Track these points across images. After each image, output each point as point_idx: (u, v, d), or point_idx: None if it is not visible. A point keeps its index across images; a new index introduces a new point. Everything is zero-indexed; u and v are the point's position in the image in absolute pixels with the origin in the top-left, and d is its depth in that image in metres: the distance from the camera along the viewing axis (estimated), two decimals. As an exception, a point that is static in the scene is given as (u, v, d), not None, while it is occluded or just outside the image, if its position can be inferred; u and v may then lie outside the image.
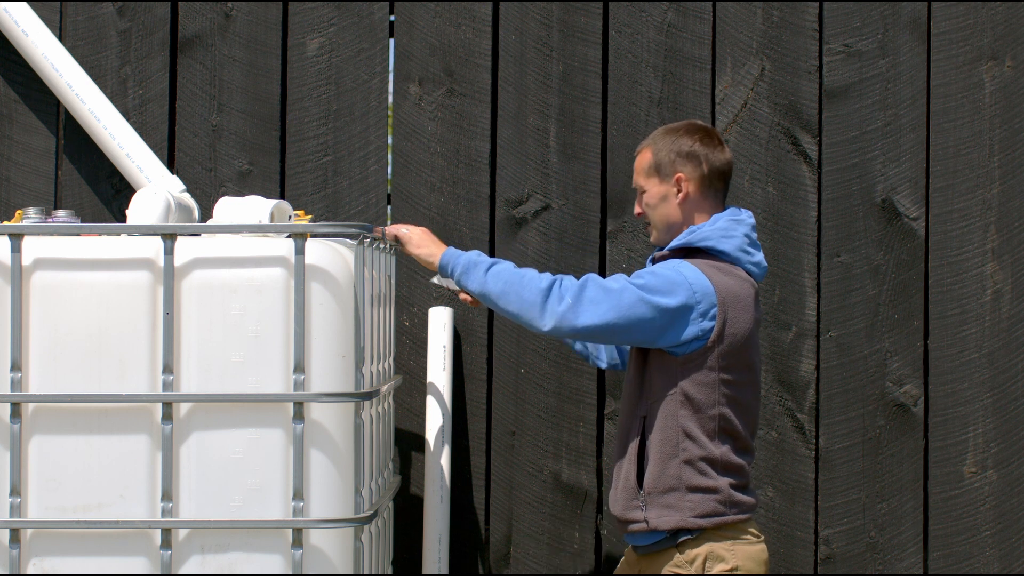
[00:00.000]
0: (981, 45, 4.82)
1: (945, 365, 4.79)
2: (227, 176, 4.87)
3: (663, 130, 4.07)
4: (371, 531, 3.98)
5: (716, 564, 3.87)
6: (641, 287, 3.83)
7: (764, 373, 4.79)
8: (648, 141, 4.07)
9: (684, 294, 3.84)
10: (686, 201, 4.01)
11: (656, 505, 3.89)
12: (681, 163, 3.99)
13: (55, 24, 4.87)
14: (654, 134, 4.07)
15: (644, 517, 3.90)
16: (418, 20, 4.88)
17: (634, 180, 4.08)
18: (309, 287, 3.77)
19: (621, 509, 3.96)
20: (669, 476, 3.87)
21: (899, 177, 4.82)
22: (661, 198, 4.01)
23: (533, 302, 3.84)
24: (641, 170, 4.05)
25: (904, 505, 4.79)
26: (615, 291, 3.83)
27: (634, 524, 3.93)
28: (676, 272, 3.86)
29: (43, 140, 4.89)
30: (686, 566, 3.86)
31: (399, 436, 4.77)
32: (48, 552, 3.77)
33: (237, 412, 3.76)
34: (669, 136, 4.03)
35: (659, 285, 3.84)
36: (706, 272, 3.88)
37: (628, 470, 3.93)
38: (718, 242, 3.95)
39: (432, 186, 4.85)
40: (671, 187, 4.00)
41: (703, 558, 3.86)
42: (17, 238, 3.76)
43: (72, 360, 3.76)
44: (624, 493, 3.95)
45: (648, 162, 4.03)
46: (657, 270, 3.89)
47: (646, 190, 4.03)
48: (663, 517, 3.87)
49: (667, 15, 4.85)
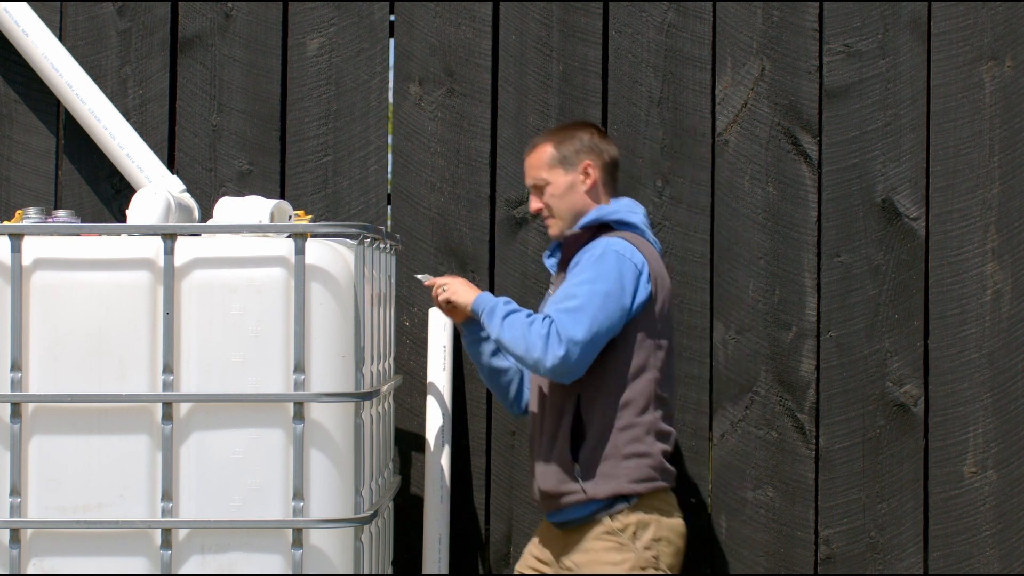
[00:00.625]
0: (981, 45, 4.82)
1: (945, 365, 4.79)
2: (227, 176, 4.87)
3: (553, 128, 4.29)
4: (371, 531, 3.98)
5: (644, 533, 4.02)
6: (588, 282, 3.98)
7: (764, 373, 4.80)
8: (541, 139, 4.22)
9: (628, 270, 4.00)
10: (592, 189, 4.19)
11: (593, 476, 4.02)
12: (585, 153, 4.18)
13: (55, 24, 4.87)
14: (545, 132, 4.27)
15: (581, 487, 4.02)
16: (418, 20, 4.88)
17: (531, 177, 4.21)
18: (309, 287, 3.77)
19: (555, 484, 4.06)
20: (605, 445, 4.02)
21: (899, 177, 4.81)
22: (568, 187, 4.17)
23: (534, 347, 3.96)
24: (542, 165, 4.19)
25: (904, 505, 4.79)
26: (580, 307, 3.95)
27: (569, 496, 4.03)
28: (614, 253, 4.02)
29: (43, 140, 4.89)
30: (618, 533, 4.01)
31: (399, 436, 4.77)
32: (48, 552, 3.77)
33: (237, 412, 3.76)
34: (565, 131, 4.21)
35: (606, 272, 4.00)
36: (631, 241, 4.08)
37: (561, 446, 4.04)
38: (627, 215, 4.16)
39: (432, 186, 4.85)
40: (578, 175, 4.18)
41: (633, 527, 4.01)
42: (17, 238, 3.76)
43: (72, 360, 3.76)
44: (558, 468, 4.05)
45: (550, 155, 4.18)
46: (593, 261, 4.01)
47: (550, 182, 4.17)
48: (600, 485, 4.01)
49: (667, 15, 4.85)
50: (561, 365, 3.94)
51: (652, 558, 4.02)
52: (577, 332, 3.93)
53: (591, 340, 3.96)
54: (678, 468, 4.79)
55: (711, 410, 4.81)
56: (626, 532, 4.02)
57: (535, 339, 3.94)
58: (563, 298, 3.99)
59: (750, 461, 4.80)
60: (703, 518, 4.81)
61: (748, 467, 4.80)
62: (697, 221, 4.82)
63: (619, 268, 4.02)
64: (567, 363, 3.94)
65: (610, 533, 4.02)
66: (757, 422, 4.80)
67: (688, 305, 4.81)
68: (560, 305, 3.98)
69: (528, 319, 3.98)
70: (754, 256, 4.81)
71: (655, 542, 4.04)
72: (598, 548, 4.03)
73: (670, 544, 4.07)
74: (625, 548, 4.01)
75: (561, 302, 3.98)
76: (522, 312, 4.02)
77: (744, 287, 4.81)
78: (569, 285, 4.02)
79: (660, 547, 4.05)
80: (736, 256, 4.81)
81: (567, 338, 3.93)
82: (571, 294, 3.99)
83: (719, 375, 4.81)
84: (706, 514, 4.82)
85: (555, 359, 3.93)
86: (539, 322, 3.96)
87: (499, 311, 4.03)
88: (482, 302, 4.10)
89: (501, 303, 4.05)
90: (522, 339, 3.96)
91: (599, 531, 4.03)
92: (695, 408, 4.80)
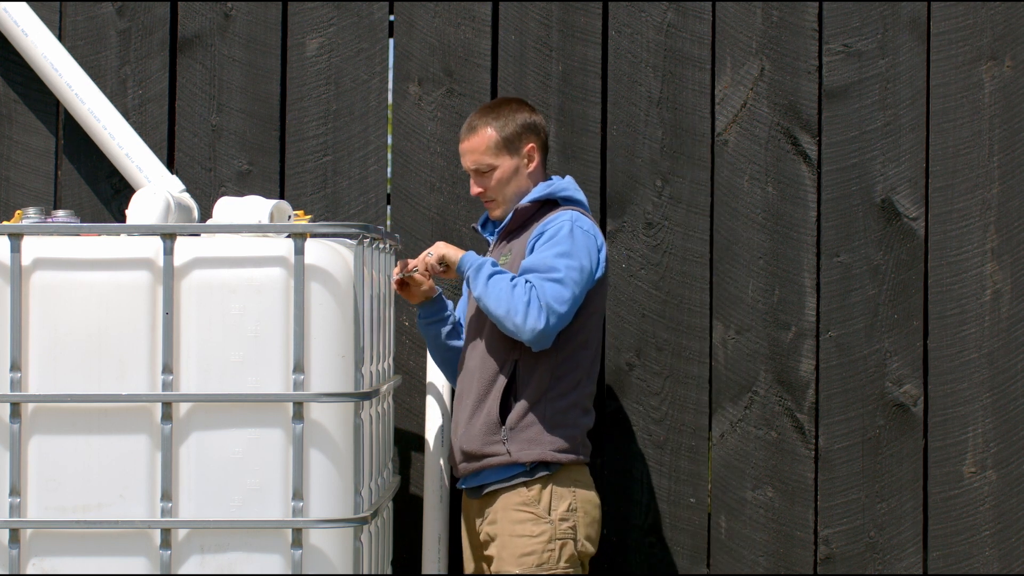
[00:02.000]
0: (981, 45, 4.82)
1: (945, 365, 4.79)
2: (227, 176, 4.87)
3: (489, 109, 4.28)
4: (371, 531, 3.98)
5: (560, 503, 4.10)
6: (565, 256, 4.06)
7: (764, 373, 4.80)
8: (480, 121, 4.25)
9: (593, 248, 4.13)
10: (534, 170, 4.26)
11: (518, 440, 4.10)
12: (527, 135, 4.25)
13: (55, 24, 4.87)
14: (481, 114, 4.26)
15: (507, 450, 4.10)
16: (418, 20, 4.88)
17: (472, 161, 4.25)
18: (309, 287, 3.77)
19: (479, 444, 4.13)
20: (536, 412, 4.10)
21: (899, 177, 4.81)
22: (513, 171, 4.25)
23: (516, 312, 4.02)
24: (486, 149, 4.23)
25: (904, 505, 4.79)
26: (562, 279, 4.03)
27: (492, 458, 4.11)
28: (580, 231, 4.12)
29: (43, 140, 4.89)
30: (534, 504, 4.09)
31: (399, 436, 4.77)
32: (48, 552, 3.77)
33: (237, 412, 3.76)
34: (503, 112, 4.25)
35: (580, 249, 4.09)
36: (590, 219, 4.20)
37: (491, 407, 4.12)
38: (575, 192, 4.27)
39: (432, 186, 4.85)
40: (522, 159, 4.25)
41: (549, 497, 4.09)
42: (17, 238, 3.76)
43: (72, 360, 3.75)
44: (484, 428, 4.12)
45: (493, 140, 4.23)
46: (565, 235, 4.09)
47: (496, 166, 4.22)
48: (524, 450, 4.09)
49: (667, 15, 4.85)
50: (540, 334, 4.02)
51: (568, 528, 4.09)
52: (560, 304, 4.02)
53: (568, 312, 4.06)
54: (678, 467, 4.80)
55: (711, 410, 4.81)
56: (541, 503, 4.09)
57: (517, 304, 4.01)
58: (544, 268, 4.06)
59: (750, 461, 4.80)
60: (703, 518, 4.81)
61: (748, 467, 4.80)
62: (697, 221, 4.82)
63: (587, 245, 4.12)
64: (546, 332, 4.03)
65: (526, 504, 4.10)
66: (757, 422, 4.80)
67: (688, 305, 4.81)
68: (542, 275, 4.05)
69: (511, 283, 4.04)
70: (754, 256, 4.81)
71: (571, 512, 4.10)
72: (514, 519, 4.09)
73: (587, 515, 4.13)
74: (541, 520, 4.08)
75: (543, 272, 4.05)
76: (506, 275, 4.07)
77: (744, 287, 4.81)
78: (546, 256, 4.08)
79: (576, 517, 4.11)
80: (736, 256, 4.81)
81: (550, 308, 4.01)
82: (552, 266, 4.05)
83: (719, 375, 4.81)
84: (706, 514, 4.82)
85: (535, 327, 4.00)
86: (521, 287, 4.03)
87: (485, 270, 4.08)
88: (469, 259, 4.15)
89: (488, 263, 4.10)
90: (505, 301, 4.02)
91: (515, 501, 4.10)
92: (695, 408, 4.80)
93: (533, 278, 4.05)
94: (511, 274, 4.08)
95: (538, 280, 4.04)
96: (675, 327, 4.81)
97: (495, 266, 4.10)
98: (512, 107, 4.27)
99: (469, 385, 4.20)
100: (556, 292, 4.03)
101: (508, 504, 4.11)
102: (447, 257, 4.19)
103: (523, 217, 4.24)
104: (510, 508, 4.10)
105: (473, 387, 4.17)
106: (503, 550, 4.10)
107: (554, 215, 4.18)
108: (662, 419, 4.81)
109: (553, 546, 4.07)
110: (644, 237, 4.81)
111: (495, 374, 4.14)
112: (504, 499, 4.12)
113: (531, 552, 4.07)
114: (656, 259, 4.82)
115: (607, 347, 4.80)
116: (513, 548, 4.08)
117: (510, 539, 4.09)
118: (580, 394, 4.15)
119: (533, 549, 4.07)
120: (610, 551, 4.80)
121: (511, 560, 4.07)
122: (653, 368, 4.81)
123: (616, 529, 4.80)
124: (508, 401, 4.13)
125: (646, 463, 4.81)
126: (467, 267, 4.13)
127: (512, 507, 4.10)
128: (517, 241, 4.23)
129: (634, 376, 4.81)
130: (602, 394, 4.81)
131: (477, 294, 4.08)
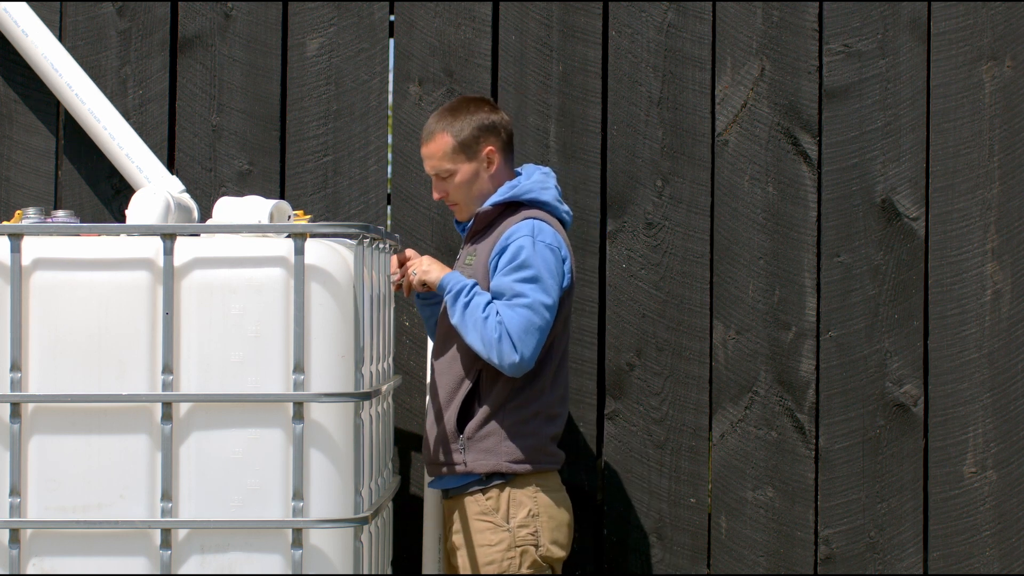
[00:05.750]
0: (981, 45, 4.82)
1: (945, 365, 4.79)
2: (227, 176, 4.87)
3: (447, 112, 4.23)
4: (371, 531, 3.98)
5: (519, 511, 4.09)
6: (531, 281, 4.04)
7: (764, 373, 4.80)
8: (437, 126, 4.21)
9: (558, 261, 4.10)
10: (496, 172, 4.22)
11: (475, 449, 4.10)
12: (485, 137, 4.21)
13: (55, 24, 4.87)
14: (439, 119, 4.22)
15: (463, 460, 4.11)
16: (418, 20, 4.88)
17: (431, 167, 4.23)
18: (309, 287, 3.77)
19: (438, 452, 4.16)
20: (493, 423, 4.09)
21: (899, 177, 4.81)
22: (473, 176, 4.22)
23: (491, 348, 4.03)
24: (444, 155, 4.20)
25: (904, 505, 4.79)
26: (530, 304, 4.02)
27: (449, 467, 4.13)
28: (543, 246, 4.07)
29: (43, 140, 4.89)
30: (492, 513, 4.10)
31: (399, 436, 4.77)
32: (48, 552, 3.77)
33: (237, 412, 3.76)
34: (460, 115, 4.20)
35: (547, 268, 4.05)
36: (552, 225, 4.15)
37: (451, 416, 4.12)
38: (540, 194, 4.21)
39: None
40: (481, 163, 4.22)
41: (506, 505, 4.09)
42: (17, 238, 3.76)
43: (72, 360, 3.75)
44: (443, 436, 4.14)
45: (450, 145, 4.20)
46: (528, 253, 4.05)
47: (455, 171, 4.20)
48: (480, 460, 4.10)
49: (667, 15, 4.85)
50: (517, 366, 4.03)
51: (529, 535, 4.09)
52: (529, 335, 4.02)
53: (540, 340, 4.05)
54: (678, 467, 4.80)
55: (711, 410, 4.81)
56: (500, 511, 4.10)
57: (490, 340, 4.02)
58: (511, 294, 4.05)
59: (750, 461, 4.80)
60: (703, 518, 4.81)
61: (748, 467, 4.80)
62: (697, 221, 4.82)
63: (552, 261, 4.09)
64: (522, 364, 4.03)
65: (484, 513, 4.11)
66: (757, 422, 4.80)
67: (688, 305, 4.81)
68: (510, 303, 4.04)
69: (483, 314, 4.03)
70: (754, 256, 4.81)
71: (532, 518, 4.10)
72: (474, 530, 4.12)
73: (551, 519, 4.12)
74: (500, 528, 4.09)
75: (510, 299, 4.05)
76: (481, 300, 4.06)
77: (744, 287, 4.81)
78: (513, 280, 4.06)
79: (539, 522, 4.11)
80: (736, 256, 4.81)
81: (521, 341, 4.01)
82: (520, 292, 4.05)
83: (719, 375, 4.81)
84: (706, 514, 4.82)
85: (512, 360, 4.01)
86: (492, 321, 4.02)
87: (461, 300, 4.07)
88: (448, 284, 4.13)
89: (465, 290, 4.08)
90: (478, 336, 4.03)
91: (475, 510, 4.12)
92: (695, 408, 4.80)
93: (501, 308, 4.04)
94: (486, 298, 4.07)
95: (506, 310, 4.03)
96: (675, 327, 4.81)
97: (470, 293, 4.08)
98: (470, 109, 4.22)
99: (435, 390, 4.21)
100: (525, 322, 4.02)
101: (470, 513, 4.13)
102: (428, 281, 4.19)
103: (485, 221, 4.22)
104: (471, 518, 4.13)
105: (438, 392, 4.19)
106: (466, 560, 4.14)
107: (515, 225, 4.14)
108: (662, 419, 4.81)
109: (513, 554, 4.09)
110: (644, 237, 4.81)
111: (459, 380, 4.14)
112: (465, 507, 4.14)
113: (491, 561, 4.09)
114: (656, 259, 4.82)
115: (607, 347, 4.80)
116: (475, 557, 4.11)
117: (472, 548, 4.12)
118: (544, 402, 4.13)
119: (493, 558, 4.09)
120: (610, 551, 4.80)
121: (474, 570, 4.12)
122: (653, 368, 4.81)
123: (616, 529, 4.80)
124: (471, 407, 4.12)
125: (646, 463, 4.81)
126: (446, 292, 4.14)
127: (473, 516, 4.13)
128: (483, 243, 4.21)
129: (634, 376, 4.81)
130: (602, 394, 4.81)
131: (454, 322, 4.09)
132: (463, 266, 4.24)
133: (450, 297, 4.10)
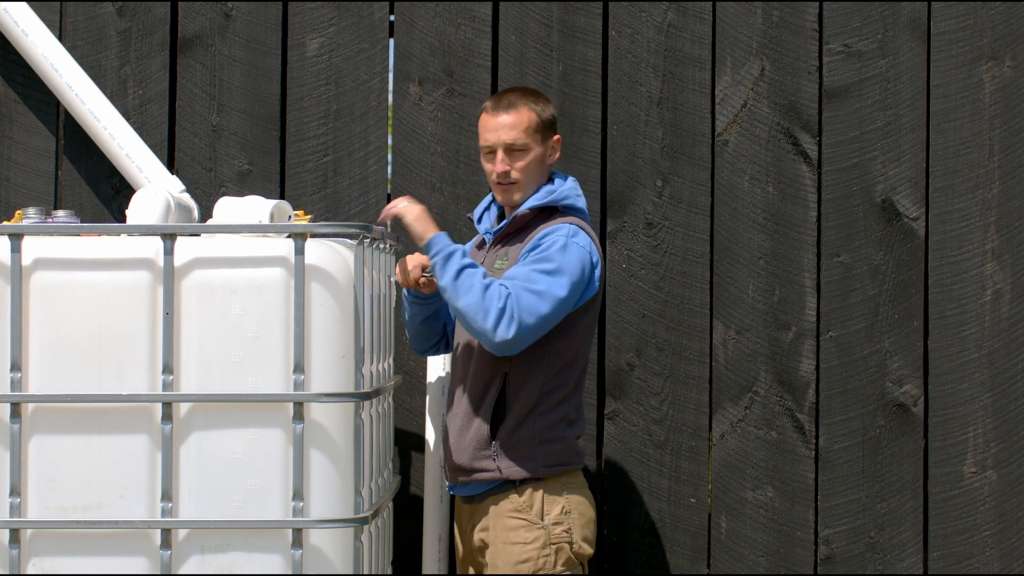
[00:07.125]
0: (981, 45, 4.82)
1: (945, 365, 4.79)
2: (227, 176, 4.88)
3: (527, 92, 4.19)
4: (371, 531, 3.98)
5: (553, 508, 4.05)
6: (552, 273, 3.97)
7: (764, 373, 4.80)
8: (520, 100, 4.14)
9: (587, 265, 4.04)
10: (551, 164, 4.20)
11: (508, 456, 4.05)
12: (554, 127, 4.20)
13: (55, 24, 4.87)
14: (521, 95, 4.16)
15: (497, 466, 4.05)
16: (418, 20, 4.88)
17: (509, 136, 4.12)
18: (309, 287, 3.78)
19: (468, 459, 4.09)
20: (525, 428, 4.05)
21: (899, 177, 4.82)
22: (540, 159, 4.16)
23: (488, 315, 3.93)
24: (527, 128, 4.12)
25: (904, 505, 4.79)
26: (541, 293, 3.95)
27: (483, 473, 4.08)
28: (576, 247, 4.02)
29: (43, 140, 4.89)
30: (526, 510, 4.06)
31: (399, 436, 4.77)
32: (48, 552, 3.77)
33: (237, 412, 3.76)
34: (540, 99, 4.18)
35: (571, 267, 3.99)
36: (588, 233, 4.11)
37: (480, 422, 4.07)
38: (576, 200, 4.18)
39: (432, 186, 4.85)
40: (547, 150, 4.17)
41: (540, 502, 4.06)
42: (17, 238, 3.76)
43: (72, 360, 3.76)
44: (474, 443, 4.08)
45: (534, 122, 4.14)
46: (558, 250, 4.00)
47: (530, 148, 4.13)
48: (513, 467, 4.05)
49: (667, 15, 4.85)
50: (505, 344, 3.93)
51: (563, 532, 4.07)
52: (532, 317, 3.93)
53: (538, 327, 3.96)
54: (678, 467, 4.80)
55: (711, 410, 4.81)
56: (534, 508, 4.06)
57: (490, 308, 3.91)
58: (525, 279, 3.96)
59: (750, 461, 4.80)
60: (703, 518, 4.81)
61: (748, 467, 4.80)
62: (697, 221, 4.82)
63: (581, 263, 4.03)
64: (512, 344, 3.94)
65: (518, 510, 4.07)
66: (757, 422, 4.80)
67: (688, 305, 4.81)
68: (523, 284, 3.95)
69: (484, 283, 3.93)
70: (754, 256, 4.81)
71: (564, 515, 4.07)
72: (507, 526, 4.07)
73: (581, 516, 4.10)
74: (534, 526, 4.06)
75: (524, 281, 3.96)
76: (478, 271, 3.96)
77: (744, 287, 4.81)
78: (532, 269, 3.98)
79: (571, 520, 4.08)
80: (736, 256, 4.81)
81: (521, 320, 3.92)
82: (535, 279, 3.96)
83: (719, 375, 4.81)
84: (706, 514, 4.82)
85: (503, 337, 3.91)
86: (496, 291, 3.92)
87: (454, 262, 3.96)
88: (438, 244, 4.01)
89: (459, 254, 3.98)
90: (476, 303, 3.91)
91: (507, 507, 4.07)
92: (695, 408, 4.80)
93: (510, 284, 3.95)
94: (483, 270, 3.97)
95: (517, 288, 3.94)
96: (675, 327, 4.81)
97: (465, 257, 3.98)
98: (544, 98, 4.20)
99: (460, 396, 4.15)
100: (533, 305, 3.93)
101: (501, 511, 4.08)
102: (408, 224, 4.04)
103: (521, 223, 4.15)
104: (503, 515, 4.08)
105: (464, 399, 4.12)
106: (497, 558, 4.07)
107: (552, 226, 4.09)
108: (662, 419, 4.81)
109: (548, 551, 4.05)
110: (644, 237, 4.81)
111: (485, 387, 4.08)
112: (496, 506, 4.09)
113: (526, 559, 4.04)
114: (656, 259, 4.82)
115: (607, 347, 4.80)
116: (508, 556, 4.06)
117: (504, 547, 4.06)
118: (567, 408, 4.10)
119: (528, 556, 4.05)
120: (610, 551, 4.80)
121: (507, 568, 4.05)
122: (653, 368, 4.81)
123: (616, 529, 4.80)
124: (498, 415, 4.07)
125: (646, 463, 4.81)
126: (435, 252, 4.01)
127: (505, 514, 4.07)
128: (514, 247, 4.13)
129: (634, 376, 4.81)
130: (602, 394, 4.81)
131: (443, 284, 3.96)
132: (492, 270, 4.13)
133: (440, 258, 3.97)
